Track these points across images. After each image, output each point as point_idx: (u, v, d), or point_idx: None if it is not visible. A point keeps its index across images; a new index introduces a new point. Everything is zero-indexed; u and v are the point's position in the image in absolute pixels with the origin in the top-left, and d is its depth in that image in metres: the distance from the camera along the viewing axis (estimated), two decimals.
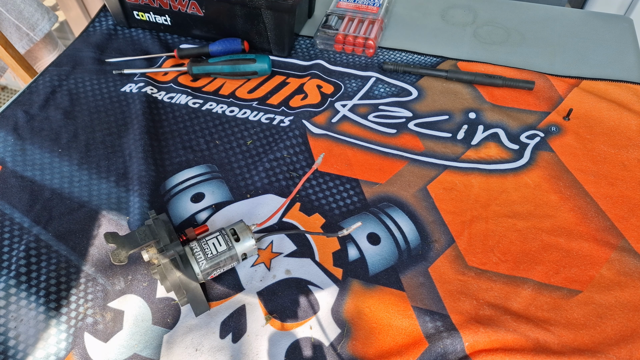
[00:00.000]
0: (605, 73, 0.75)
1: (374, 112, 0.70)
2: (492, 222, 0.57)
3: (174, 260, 0.49)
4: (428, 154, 0.65)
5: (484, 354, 0.47)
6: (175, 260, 0.49)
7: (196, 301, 0.49)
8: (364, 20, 0.80)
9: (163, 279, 0.48)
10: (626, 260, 0.54)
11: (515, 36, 0.82)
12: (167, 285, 0.48)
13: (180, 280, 0.49)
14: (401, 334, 0.49)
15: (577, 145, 0.65)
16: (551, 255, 0.54)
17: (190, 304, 0.49)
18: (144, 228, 0.51)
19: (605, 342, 0.48)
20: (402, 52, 0.80)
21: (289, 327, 0.49)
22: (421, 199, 0.60)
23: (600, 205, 0.59)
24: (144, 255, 0.50)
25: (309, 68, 0.77)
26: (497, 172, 0.63)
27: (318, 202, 0.60)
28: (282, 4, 0.71)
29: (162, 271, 0.48)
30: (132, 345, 0.48)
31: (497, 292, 0.51)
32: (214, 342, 0.48)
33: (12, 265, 0.54)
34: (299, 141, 0.66)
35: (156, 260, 0.50)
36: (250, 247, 0.51)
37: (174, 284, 0.48)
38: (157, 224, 0.51)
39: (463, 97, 0.72)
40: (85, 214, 0.58)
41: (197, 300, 0.49)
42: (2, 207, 0.59)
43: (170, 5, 0.78)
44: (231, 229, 0.51)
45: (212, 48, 0.77)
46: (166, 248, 0.49)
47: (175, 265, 0.49)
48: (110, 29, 0.85)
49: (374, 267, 0.54)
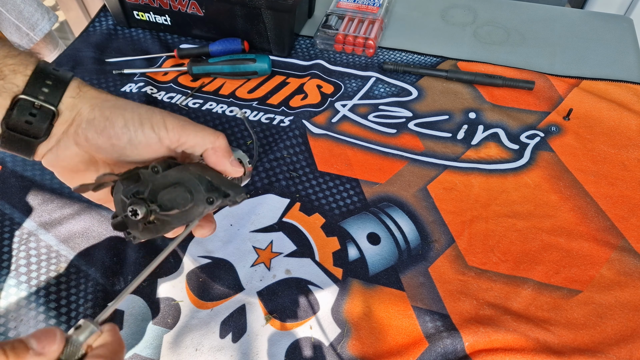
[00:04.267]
0: (605, 73, 0.75)
1: (374, 112, 0.70)
2: (492, 222, 0.57)
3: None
4: (428, 153, 0.65)
5: (484, 354, 0.47)
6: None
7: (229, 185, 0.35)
8: (364, 20, 0.80)
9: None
10: (626, 260, 0.54)
11: (515, 36, 0.82)
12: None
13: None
14: (401, 334, 0.49)
15: (577, 145, 0.65)
16: (551, 255, 0.54)
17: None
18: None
19: (605, 342, 0.48)
20: (402, 52, 0.80)
21: (289, 327, 0.49)
22: (421, 198, 0.60)
23: (600, 205, 0.59)
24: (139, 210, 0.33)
25: (309, 68, 0.77)
26: (497, 172, 0.63)
27: (318, 202, 0.60)
28: (282, 4, 0.71)
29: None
30: (132, 345, 0.48)
31: (497, 292, 0.51)
32: (214, 342, 0.48)
33: (12, 265, 0.54)
34: (299, 141, 0.66)
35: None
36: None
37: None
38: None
39: (463, 97, 0.72)
40: (86, 214, 0.58)
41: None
42: (2, 207, 0.59)
43: (170, 5, 0.78)
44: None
45: (212, 48, 0.77)
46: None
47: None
48: (110, 28, 0.85)
49: (374, 267, 0.54)
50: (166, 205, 0.34)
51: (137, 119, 0.33)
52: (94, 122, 0.33)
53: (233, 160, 0.36)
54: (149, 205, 0.33)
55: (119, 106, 0.33)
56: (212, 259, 0.54)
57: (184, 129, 0.33)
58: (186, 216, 0.34)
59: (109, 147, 0.33)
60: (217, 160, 0.35)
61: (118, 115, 0.33)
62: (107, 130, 0.33)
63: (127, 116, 0.33)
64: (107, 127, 0.32)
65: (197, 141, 0.34)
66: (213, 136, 0.34)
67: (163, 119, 0.33)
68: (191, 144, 0.34)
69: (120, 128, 0.33)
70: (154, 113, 0.33)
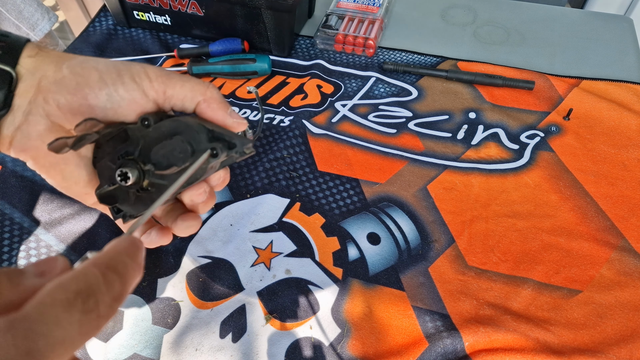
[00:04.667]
0: (605, 73, 0.75)
1: (374, 112, 0.70)
2: (492, 222, 0.57)
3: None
4: (428, 153, 0.65)
5: (484, 354, 0.47)
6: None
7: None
8: (364, 20, 0.80)
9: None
10: (626, 260, 0.54)
11: (515, 36, 0.82)
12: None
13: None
14: (401, 334, 0.49)
15: (577, 145, 0.65)
16: (551, 255, 0.54)
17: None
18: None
19: (605, 342, 0.48)
20: (402, 52, 0.80)
21: (289, 327, 0.49)
22: (421, 198, 0.60)
23: (600, 205, 0.59)
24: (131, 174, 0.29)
25: (309, 68, 0.77)
26: (497, 172, 0.63)
27: (318, 202, 0.60)
28: (282, 4, 0.71)
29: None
30: (132, 345, 0.48)
31: (497, 292, 0.51)
32: (214, 342, 0.48)
33: (12, 265, 0.54)
34: (299, 141, 0.66)
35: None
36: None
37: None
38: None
39: (463, 97, 0.72)
40: (86, 214, 0.58)
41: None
42: (2, 207, 0.59)
43: (170, 5, 0.78)
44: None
45: (212, 48, 0.77)
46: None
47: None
48: (110, 28, 0.85)
49: (374, 267, 0.54)
50: (162, 162, 0.28)
51: (114, 71, 0.28)
52: (64, 82, 0.27)
53: (232, 111, 0.31)
54: (141, 166, 0.28)
55: (89, 61, 0.28)
56: (212, 259, 0.54)
57: (169, 79, 0.29)
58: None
59: (87, 109, 0.28)
60: (213, 113, 0.30)
61: (91, 69, 0.28)
62: (81, 87, 0.27)
63: (101, 68, 0.28)
64: (80, 83, 0.27)
65: (186, 93, 0.29)
66: (202, 86, 0.30)
67: (143, 68, 0.29)
68: (180, 97, 0.29)
69: (95, 82, 0.27)
70: (132, 64, 0.29)
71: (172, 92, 0.29)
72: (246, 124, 0.31)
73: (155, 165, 0.28)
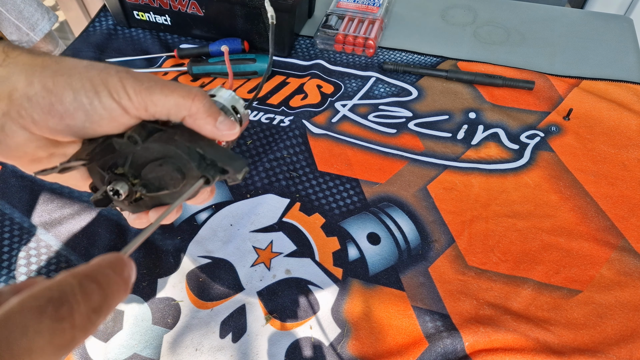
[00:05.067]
0: (605, 73, 0.75)
1: (374, 112, 0.70)
2: (492, 222, 0.57)
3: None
4: (428, 153, 0.65)
5: (484, 354, 0.47)
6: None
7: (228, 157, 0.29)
8: (364, 20, 0.80)
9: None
10: (626, 260, 0.54)
11: (515, 36, 0.82)
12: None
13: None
14: (401, 334, 0.49)
15: (577, 145, 0.65)
16: (551, 255, 0.54)
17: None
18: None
19: (605, 342, 0.48)
20: (402, 52, 0.80)
21: (289, 327, 0.49)
22: (421, 198, 0.60)
23: (600, 205, 0.59)
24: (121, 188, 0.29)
25: (309, 68, 0.77)
26: (497, 172, 0.63)
27: (318, 202, 0.60)
28: (282, 4, 0.71)
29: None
30: (132, 345, 0.48)
31: (497, 292, 0.51)
32: (214, 342, 0.48)
33: (12, 265, 0.54)
34: (299, 141, 0.66)
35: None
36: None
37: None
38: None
39: (463, 97, 0.72)
40: (86, 214, 0.58)
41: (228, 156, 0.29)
42: (2, 207, 0.59)
43: (170, 5, 0.78)
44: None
45: (212, 48, 0.77)
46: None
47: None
48: (110, 28, 0.85)
49: (374, 267, 0.54)
50: (153, 184, 0.28)
51: (90, 87, 0.25)
52: (36, 99, 0.25)
53: (221, 122, 0.28)
54: (132, 183, 0.28)
55: (62, 72, 0.26)
56: (212, 259, 0.54)
57: (150, 93, 0.26)
58: (179, 195, 0.28)
59: (64, 127, 0.26)
60: (200, 129, 0.28)
61: (64, 86, 0.25)
62: (55, 107, 0.25)
63: (75, 85, 0.25)
64: (53, 103, 0.25)
65: (169, 109, 0.27)
66: (186, 100, 0.27)
67: (121, 81, 0.26)
68: (163, 113, 0.27)
69: (70, 103, 0.25)
70: (109, 74, 0.26)
71: (155, 110, 0.27)
72: (237, 130, 0.30)
73: (145, 187, 0.28)
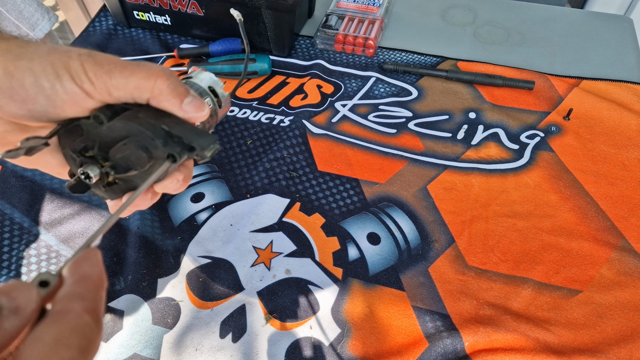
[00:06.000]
0: (605, 73, 0.75)
1: (374, 112, 0.70)
2: (492, 222, 0.57)
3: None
4: (428, 153, 0.65)
5: (484, 354, 0.47)
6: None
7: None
8: (364, 20, 0.80)
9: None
10: (626, 260, 0.54)
11: (515, 36, 0.82)
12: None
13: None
14: (401, 334, 0.49)
15: (577, 145, 0.65)
16: (551, 255, 0.54)
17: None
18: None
19: (605, 342, 0.48)
20: (402, 52, 0.80)
21: (289, 327, 0.49)
22: (421, 198, 0.60)
23: (600, 205, 0.59)
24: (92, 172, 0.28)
25: (309, 68, 0.77)
26: (497, 172, 0.63)
27: (318, 202, 0.60)
28: (282, 4, 0.71)
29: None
30: (132, 345, 0.48)
31: (497, 292, 0.51)
32: (214, 342, 0.48)
33: (12, 265, 0.54)
34: (299, 141, 0.66)
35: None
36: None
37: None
38: None
39: (463, 97, 0.72)
40: (86, 214, 0.58)
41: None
42: (2, 207, 0.59)
43: (170, 5, 0.78)
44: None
45: (212, 48, 0.77)
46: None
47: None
48: (110, 28, 0.85)
49: (374, 267, 0.54)
50: (121, 165, 0.28)
51: (51, 70, 0.25)
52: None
53: (188, 102, 0.27)
54: (101, 165, 0.27)
55: (24, 56, 0.25)
56: (212, 259, 0.54)
57: (110, 77, 0.25)
58: (150, 174, 0.27)
59: (27, 112, 0.26)
60: (165, 109, 0.27)
61: (24, 70, 0.25)
62: (16, 92, 0.25)
63: (36, 68, 0.25)
64: (14, 87, 0.25)
65: (132, 91, 0.26)
66: (148, 81, 0.26)
67: (82, 65, 0.25)
68: (127, 96, 0.26)
69: (30, 87, 0.25)
70: (71, 58, 0.25)
71: (118, 93, 0.26)
72: (206, 111, 0.28)
73: (114, 169, 0.28)
